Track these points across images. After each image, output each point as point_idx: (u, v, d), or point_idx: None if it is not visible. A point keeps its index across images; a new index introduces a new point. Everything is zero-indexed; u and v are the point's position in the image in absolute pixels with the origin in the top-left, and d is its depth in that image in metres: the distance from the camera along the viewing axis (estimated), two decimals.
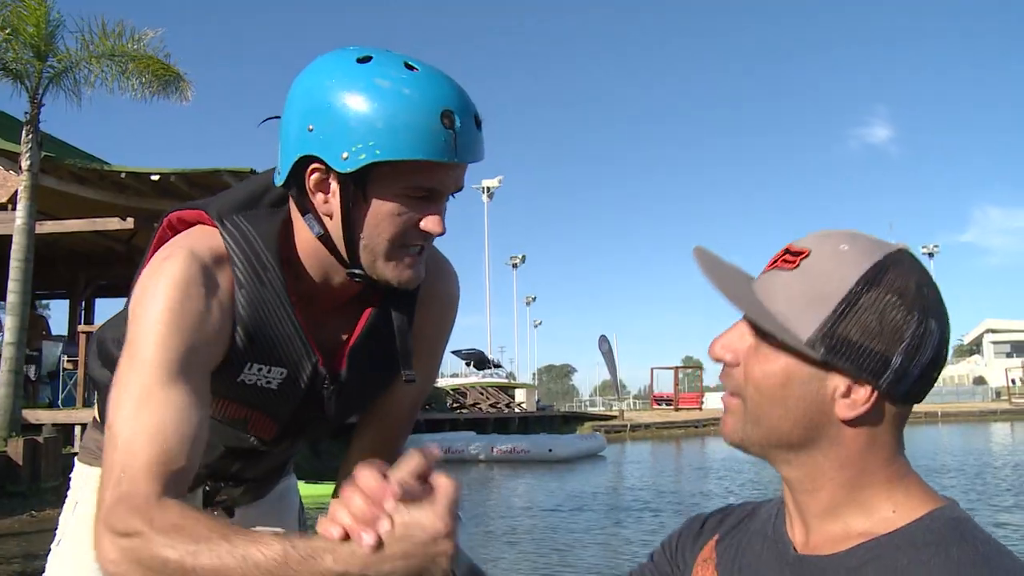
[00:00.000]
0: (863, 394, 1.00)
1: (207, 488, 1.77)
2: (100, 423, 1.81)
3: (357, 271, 1.44)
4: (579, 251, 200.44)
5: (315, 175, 1.37)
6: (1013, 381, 64.01)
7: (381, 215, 1.37)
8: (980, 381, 75.33)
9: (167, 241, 1.48)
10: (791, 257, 1.05)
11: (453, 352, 47.64)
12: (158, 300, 1.34)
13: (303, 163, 1.37)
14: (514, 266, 76.78)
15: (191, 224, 1.50)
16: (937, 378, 1.04)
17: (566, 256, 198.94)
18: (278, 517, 1.95)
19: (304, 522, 2.04)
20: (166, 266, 1.38)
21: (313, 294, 1.51)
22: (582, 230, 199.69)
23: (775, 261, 1.07)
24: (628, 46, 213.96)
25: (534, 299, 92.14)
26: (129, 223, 16.58)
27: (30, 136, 14.63)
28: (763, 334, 1.05)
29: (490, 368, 49.52)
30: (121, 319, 1.63)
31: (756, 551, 1.14)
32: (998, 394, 64.18)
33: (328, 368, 1.53)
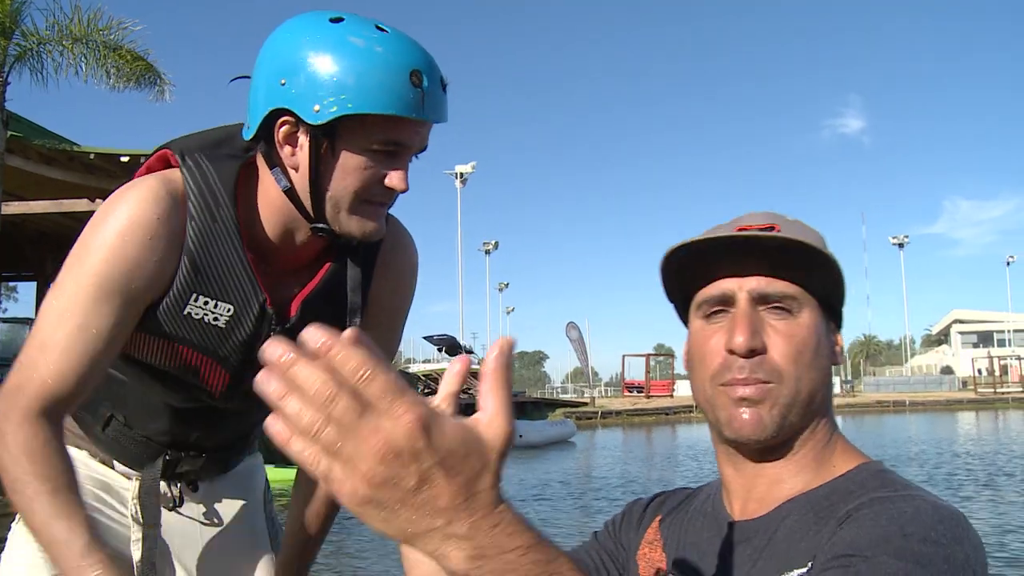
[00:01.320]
0: (839, 341, 1.12)
1: (167, 457, 1.77)
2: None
3: (321, 225, 1.48)
4: (552, 238, 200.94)
5: (284, 127, 1.42)
6: (979, 371, 64.80)
7: (348, 168, 1.42)
8: (948, 371, 76.28)
9: None
10: (765, 230, 1.07)
11: (425, 338, 47.61)
12: (109, 223, 1.44)
13: (273, 117, 1.42)
14: (487, 252, 76.61)
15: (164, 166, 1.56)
16: None
17: (539, 243, 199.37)
18: (243, 494, 1.96)
19: (270, 501, 2.03)
20: (125, 194, 1.47)
21: (271, 245, 1.55)
22: (555, 217, 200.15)
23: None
24: (603, 33, 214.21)
25: (507, 285, 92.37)
26: (98, 205, 16.35)
27: None
28: (784, 305, 1.06)
29: (462, 354, 49.40)
30: None
31: (697, 527, 1.18)
32: (964, 384, 64.97)
33: (278, 314, 1.56)
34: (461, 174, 63.69)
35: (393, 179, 1.44)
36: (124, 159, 15.46)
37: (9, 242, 16.26)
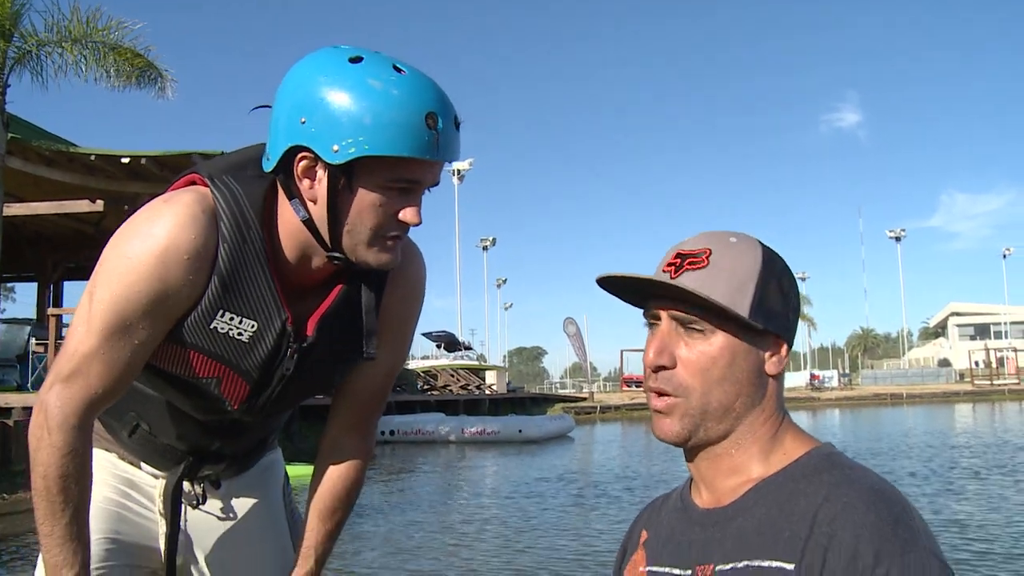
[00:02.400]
0: (783, 350, 1.25)
1: (189, 464, 1.88)
2: None
3: (338, 254, 1.55)
4: (550, 233, 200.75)
5: (304, 163, 1.48)
6: (976, 363, 64.83)
7: (365, 205, 1.48)
8: (945, 363, 76.43)
9: None
10: (695, 259, 1.23)
11: (424, 334, 47.68)
12: (149, 243, 1.51)
13: (293, 151, 1.48)
14: (484, 248, 76.61)
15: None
16: None
17: (537, 239, 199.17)
18: (263, 490, 2.06)
19: (289, 495, 2.13)
20: (165, 208, 1.54)
21: (291, 265, 1.62)
22: (553, 212, 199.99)
23: (678, 268, 1.24)
24: (602, 29, 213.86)
25: (505, 281, 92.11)
26: (99, 205, 16.49)
27: None
28: (690, 328, 1.23)
29: (461, 350, 49.63)
30: None
31: (671, 523, 1.32)
32: (961, 376, 65.04)
33: (296, 332, 1.64)
34: (458, 171, 63.74)
35: (407, 214, 1.51)
36: (125, 160, 15.46)
37: (9, 243, 16.28)
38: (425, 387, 39.16)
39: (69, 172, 16.08)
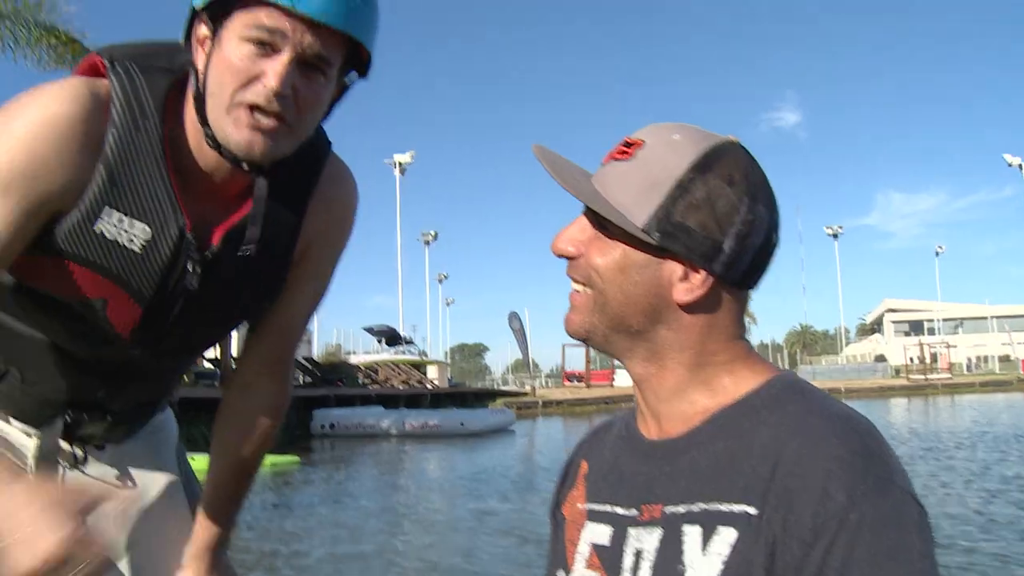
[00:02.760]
0: (698, 279, 1.06)
1: (68, 419, 1.63)
2: None
3: (208, 131, 1.36)
4: (492, 229, 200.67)
5: (202, 28, 1.33)
6: (911, 359, 66.40)
7: (224, 61, 1.30)
8: (881, 359, 78.11)
9: None
10: (626, 148, 1.09)
11: (365, 329, 47.54)
12: (19, 119, 1.32)
13: (194, 19, 1.34)
14: (426, 243, 76.59)
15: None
16: (770, 263, 1.09)
17: (479, 234, 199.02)
18: (154, 453, 1.80)
19: (184, 459, 1.88)
20: (42, 90, 1.35)
21: (197, 172, 1.43)
22: (495, 207, 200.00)
23: (612, 154, 1.11)
24: (540, 22, 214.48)
25: (446, 277, 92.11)
26: None
27: None
28: (601, 224, 1.10)
29: (402, 345, 49.49)
30: None
31: (615, 454, 1.17)
32: (897, 371, 66.58)
33: (198, 242, 1.43)
34: (400, 163, 63.46)
35: (268, 75, 1.28)
36: None
37: None
38: (366, 381, 38.95)
39: None
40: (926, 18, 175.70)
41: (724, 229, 1.04)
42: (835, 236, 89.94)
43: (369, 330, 48.15)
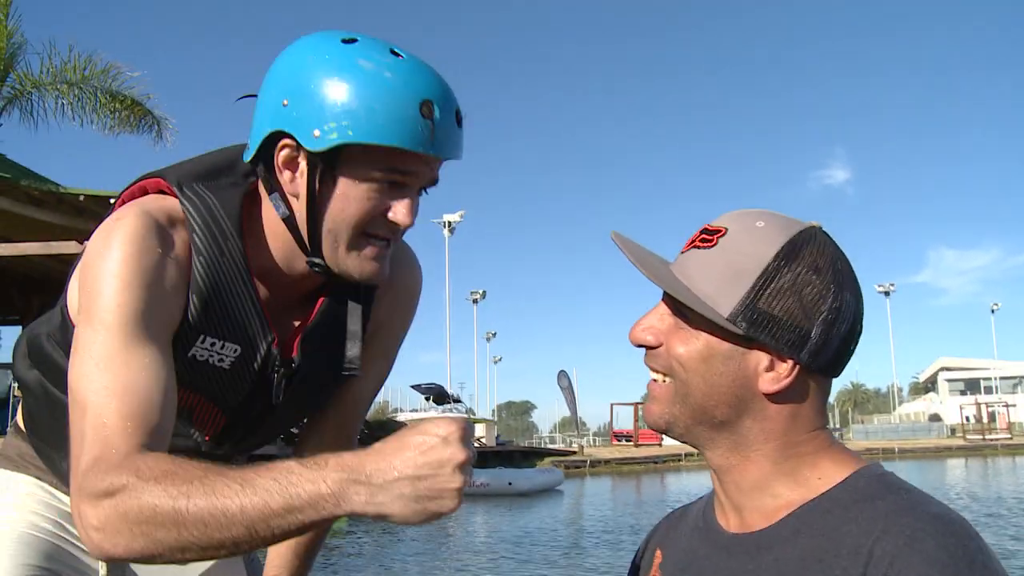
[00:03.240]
0: (785, 368, 1.03)
1: None
2: (24, 430, 1.69)
3: (317, 260, 1.38)
4: (540, 287, 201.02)
5: (285, 151, 1.32)
6: (967, 418, 64.84)
7: (348, 198, 1.32)
8: (935, 418, 76.26)
9: None
10: (708, 236, 1.08)
11: (412, 387, 47.48)
12: (112, 257, 1.28)
13: (274, 139, 1.33)
14: (474, 301, 76.66)
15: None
16: (854, 350, 1.07)
17: (527, 292, 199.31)
18: None
19: None
20: (119, 225, 1.32)
21: (273, 277, 1.44)
22: (543, 266, 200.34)
23: (692, 241, 1.10)
24: (589, 85, 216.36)
25: (494, 335, 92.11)
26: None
27: None
28: (683, 313, 1.07)
29: (449, 403, 49.33)
30: (55, 314, 1.56)
31: (693, 546, 1.14)
32: (952, 431, 65.01)
33: (280, 354, 1.45)
34: (449, 223, 63.89)
35: (397, 212, 1.33)
36: (113, 201, 15.38)
37: None
38: None
39: (57, 213, 15.97)
40: (977, 73, 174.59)
41: (811, 317, 1.02)
42: (887, 294, 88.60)
43: (417, 388, 48.15)
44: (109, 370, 1.22)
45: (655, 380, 1.11)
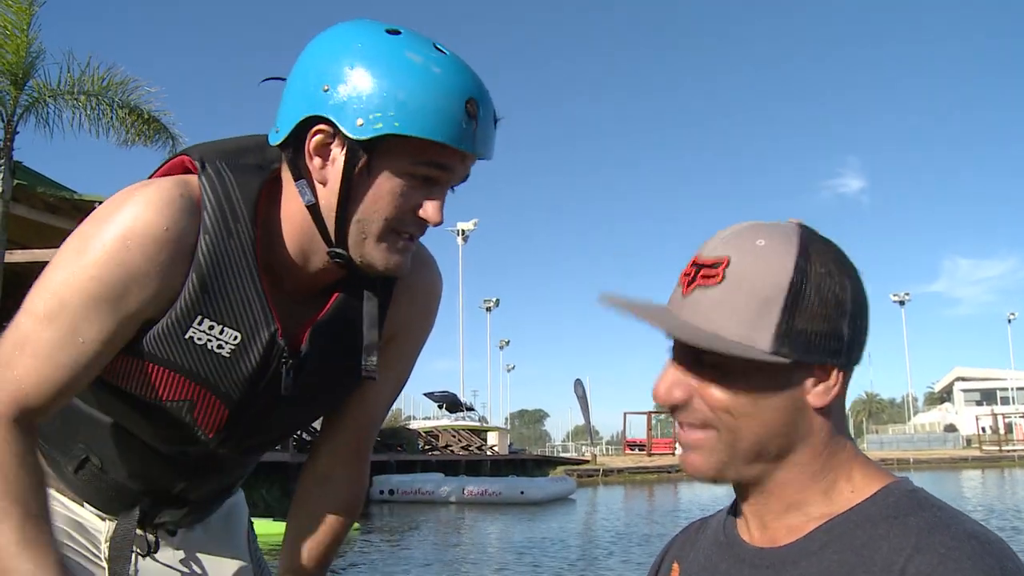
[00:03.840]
0: (833, 378, 1.00)
1: (145, 509, 1.60)
2: None
3: (340, 251, 1.35)
4: (553, 295, 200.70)
5: (318, 136, 1.29)
6: (983, 429, 64.46)
7: (383, 191, 1.30)
8: (951, 429, 75.93)
9: None
10: (710, 271, 1.01)
11: (426, 394, 47.48)
12: (113, 226, 1.29)
13: (307, 124, 1.29)
14: (488, 310, 76.87)
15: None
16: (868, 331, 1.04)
17: (540, 300, 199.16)
18: (225, 536, 1.78)
19: (254, 543, 1.85)
20: (136, 195, 1.32)
21: (286, 269, 1.41)
22: (556, 274, 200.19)
23: (691, 280, 1.03)
24: (602, 93, 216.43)
25: (508, 343, 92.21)
26: None
27: (3, 164, 14.43)
28: (710, 361, 1.00)
29: (462, 411, 49.36)
30: None
31: (713, 560, 1.10)
32: (968, 441, 64.65)
33: (288, 346, 1.41)
34: (463, 231, 64.03)
35: (428, 210, 1.32)
36: None
37: (10, 290, 16.23)
38: (426, 447, 38.84)
39: (73, 220, 16.01)
40: (991, 81, 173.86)
41: (841, 317, 0.98)
42: (901, 303, 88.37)
43: (430, 395, 48.15)
44: (48, 325, 1.28)
45: (690, 430, 1.04)
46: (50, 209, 15.91)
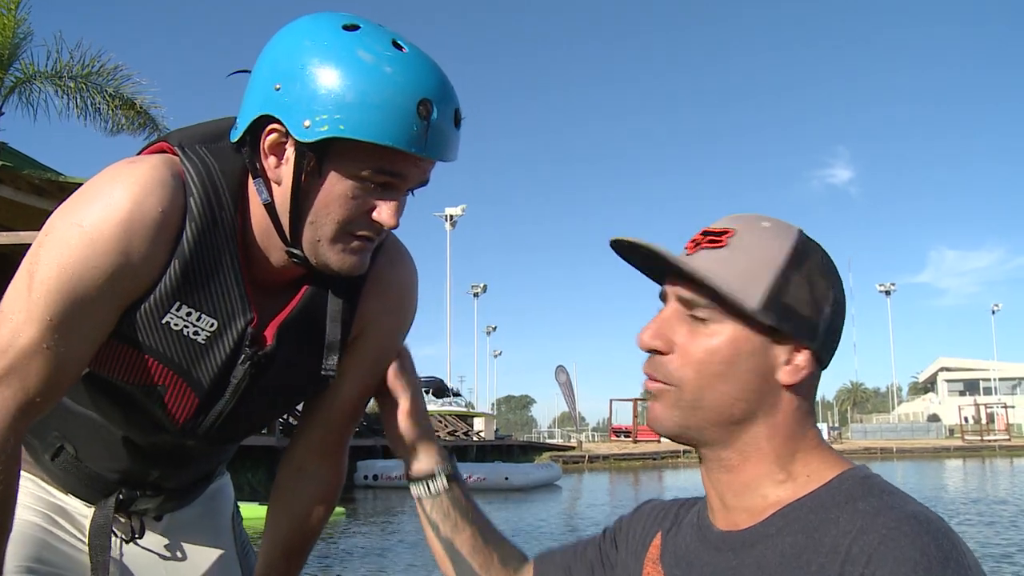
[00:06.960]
0: (803, 359, 1.08)
1: (120, 496, 1.60)
2: None
3: (296, 251, 1.34)
4: (541, 282, 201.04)
5: (272, 136, 1.28)
6: (966, 419, 64.92)
7: (333, 195, 1.28)
8: (934, 418, 76.51)
9: None
10: (716, 237, 1.10)
11: None
12: (109, 209, 1.26)
13: (262, 123, 1.28)
14: (475, 295, 76.88)
15: None
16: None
17: (528, 287, 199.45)
18: (210, 522, 1.79)
19: (239, 526, 1.85)
20: (128, 174, 1.29)
21: (257, 259, 1.40)
22: (544, 261, 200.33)
23: (697, 243, 1.12)
24: (591, 80, 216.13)
25: (495, 329, 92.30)
26: None
27: None
28: (698, 313, 1.09)
29: (449, 396, 49.46)
30: None
31: (687, 541, 1.17)
32: (951, 431, 65.15)
33: (255, 338, 1.40)
34: (451, 216, 63.93)
35: (382, 212, 1.29)
36: None
37: None
38: None
39: (59, 202, 15.88)
40: (981, 73, 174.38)
41: (820, 311, 1.08)
42: (887, 293, 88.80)
43: None
44: (39, 315, 1.25)
45: (655, 382, 1.12)
46: (36, 191, 15.79)
